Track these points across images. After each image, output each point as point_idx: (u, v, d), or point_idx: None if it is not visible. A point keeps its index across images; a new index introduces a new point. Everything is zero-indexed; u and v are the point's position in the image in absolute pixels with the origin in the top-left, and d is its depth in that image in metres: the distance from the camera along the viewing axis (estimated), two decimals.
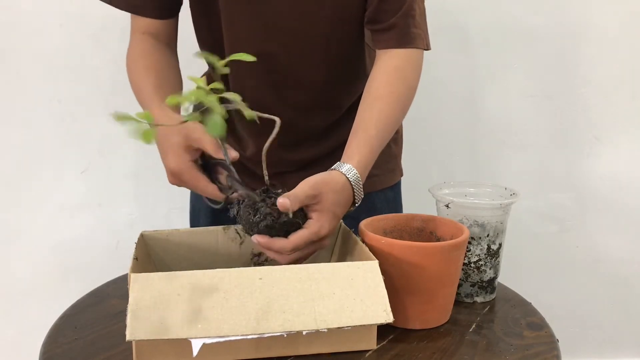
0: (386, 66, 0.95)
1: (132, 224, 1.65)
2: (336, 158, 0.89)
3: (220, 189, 0.82)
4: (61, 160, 1.60)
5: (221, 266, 0.74)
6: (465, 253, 0.88)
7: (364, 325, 0.71)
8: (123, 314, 0.69)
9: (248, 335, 0.67)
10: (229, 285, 0.70)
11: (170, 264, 0.89)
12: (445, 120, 1.70)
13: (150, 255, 0.88)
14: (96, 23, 1.53)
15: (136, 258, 0.77)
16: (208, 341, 0.67)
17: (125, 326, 0.66)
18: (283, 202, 0.75)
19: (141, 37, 0.99)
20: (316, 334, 0.71)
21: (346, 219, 0.89)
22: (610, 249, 1.78)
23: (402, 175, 1.21)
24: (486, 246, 0.91)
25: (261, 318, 0.68)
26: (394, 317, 0.72)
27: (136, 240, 0.84)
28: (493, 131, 1.71)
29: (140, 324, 0.66)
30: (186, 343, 0.67)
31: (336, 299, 0.71)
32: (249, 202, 0.78)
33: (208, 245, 0.91)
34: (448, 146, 1.72)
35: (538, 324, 0.85)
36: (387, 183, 1.15)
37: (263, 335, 0.68)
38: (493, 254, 0.92)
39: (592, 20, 1.64)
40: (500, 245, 0.93)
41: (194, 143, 0.81)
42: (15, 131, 1.57)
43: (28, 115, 1.57)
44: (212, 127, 0.66)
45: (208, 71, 1.16)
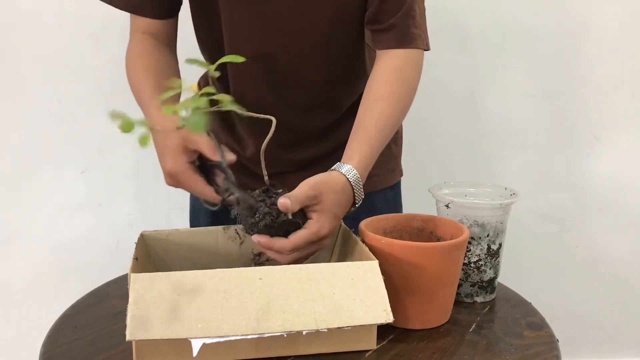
0: (386, 66, 0.95)
1: (132, 224, 1.65)
2: (336, 158, 0.89)
3: (217, 191, 0.82)
4: (61, 160, 1.60)
5: (221, 266, 0.74)
6: (465, 253, 0.88)
7: (364, 325, 0.71)
8: (123, 314, 0.69)
9: (248, 335, 0.67)
10: (229, 285, 0.70)
11: (170, 264, 0.89)
12: (445, 120, 1.70)
13: (150, 255, 0.88)
14: (96, 23, 1.53)
15: (136, 258, 0.77)
16: (208, 341, 0.67)
17: (125, 326, 0.66)
18: (284, 203, 0.75)
19: (141, 37, 0.99)
20: (316, 334, 0.71)
21: (346, 219, 0.89)
22: (610, 249, 1.78)
23: (402, 175, 1.20)
24: (486, 246, 0.91)
25: (261, 318, 0.68)
26: (394, 317, 0.72)
27: (136, 240, 0.84)
28: (493, 131, 1.71)
29: (140, 324, 0.66)
30: (186, 343, 0.67)
31: (336, 299, 0.71)
32: (245, 206, 0.78)
33: (208, 245, 0.91)
34: (448, 146, 1.72)
35: (538, 324, 0.85)
36: (387, 183, 1.15)
37: (263, 335, 0.68)
38: (493, 254, 0.92)
39: (592, 20, 1.64)
40: (500, 245, 0.93)
41: (191, 145, 0.81)
42: (15, 131, 1.57)
43: (28, 115, 1.56)
44: (194, 125, 0.65)
45: (206, 72, 1.16)
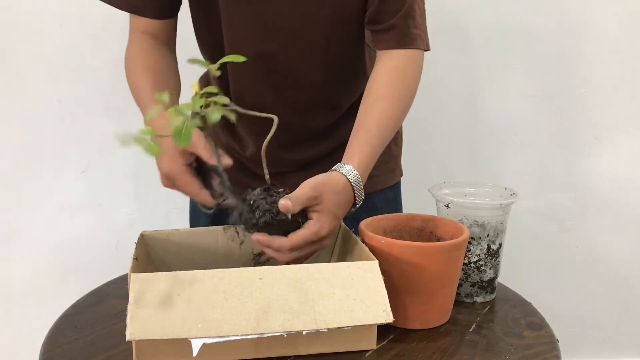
0: (386, 67, 0.95)
1: (132, 224, 1.65)
2: (336, 158, 0.88)
3: (212, 195, 0.82)
4: (61, 160, 1.60)
5: (221, 266, 0.74)
6: (465, 253, 0.88)
7: (364, 325, 0.71)
8: (123, 314, 0.69)
9: (248, 335, 0.67)
10: (229, 285, 0.70)
11: (170, 264, 0.89)
12: (445, 120, 1.70)
13: (150, 255, 0.88)
14: (96, 23, 1.53)
15: (136, 258, 0.77)
16: (208, 341, 0.67)
17: (125, 326, 0.66)
18: (285, 204, 0.75)
19: (140, 37, 0.99)
20: (316, 334, 0.71)
21: (346, 219, 0.89)
22: (610, 249, 1.78)
23: (402, 175, 1.20)
24: (486, 246, 0.91)
25: (261, 318, 0.68)
26: (394, 317, 0.72)
27: (136, 240, 0.84)
28: (493, 131, 1.71)
29: (140, 324, 0.66)
30: (186, 343, 0.67)
31: (336, 299, 0.71)
32: (240, 210, 0.78)
33: (208, 245, 0.91)
34: (448, 146, 1.72)
35: (538, 324, 0.85)
36: (387, 183, 1.15)
37: (263, 335, 0.68)
38: (493, 254, 0.92)
39: (592, 20, 1.64)
40: (500, 245, 0.93)
41: (189, 147, 0.81)
42: (15, 131, 1.57)
43: (28, 115, 1.56)
44: (177, 136, 0.64)
45: (206, 72, 1.16)
